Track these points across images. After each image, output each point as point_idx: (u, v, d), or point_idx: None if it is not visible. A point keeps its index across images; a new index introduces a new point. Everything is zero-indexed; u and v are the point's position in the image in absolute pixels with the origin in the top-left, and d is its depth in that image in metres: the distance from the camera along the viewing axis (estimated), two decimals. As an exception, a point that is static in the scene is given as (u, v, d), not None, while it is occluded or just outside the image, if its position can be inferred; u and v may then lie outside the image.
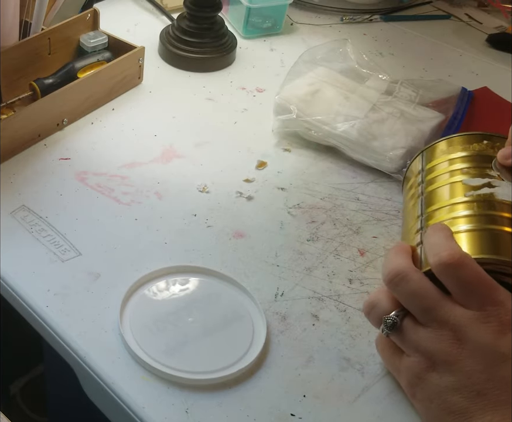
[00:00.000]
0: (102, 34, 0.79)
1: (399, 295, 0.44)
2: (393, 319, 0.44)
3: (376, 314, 0.46)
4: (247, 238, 0.61)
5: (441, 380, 0.41)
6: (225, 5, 0.95)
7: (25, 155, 0.68)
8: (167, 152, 0.70)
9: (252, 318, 0.52)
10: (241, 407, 0.47)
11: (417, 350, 0.43)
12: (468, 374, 0.40)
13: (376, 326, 0.47)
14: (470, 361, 0.40)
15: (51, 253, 0.57)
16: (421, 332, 0.43)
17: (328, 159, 0.71)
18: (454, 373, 0.41)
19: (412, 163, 0.58)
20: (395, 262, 0.44)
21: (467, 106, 0.76)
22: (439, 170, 0.52)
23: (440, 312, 0.42)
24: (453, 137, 0.54)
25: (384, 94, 0.75)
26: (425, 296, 0.42)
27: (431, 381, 0.42)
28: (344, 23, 1.01)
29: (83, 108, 0.73)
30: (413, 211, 0.52)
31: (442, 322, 0.42)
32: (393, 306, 0.45)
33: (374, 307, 0.46)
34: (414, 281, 0.43)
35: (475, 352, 0.40)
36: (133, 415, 0.46)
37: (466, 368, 0.41)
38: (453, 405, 0.41)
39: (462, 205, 0.47)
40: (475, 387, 0.40)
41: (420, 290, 0.43)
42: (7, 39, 0.71)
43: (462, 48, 0.96)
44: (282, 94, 0.74)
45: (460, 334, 0.41)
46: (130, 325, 0.51)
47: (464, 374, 0.41)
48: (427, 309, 0.42)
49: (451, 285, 0.42)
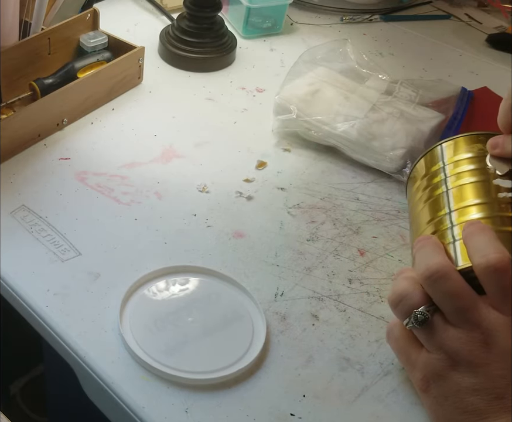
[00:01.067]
0: (102, 34, 0.79)
1: (435, 292, 0.43)
2: (425, 314, 0.43)
3: (406, 306, 0.44)
4: (247, 238, 0.61)
5: (463, 379, 0.42)
6: (225, 5, 0.95)
7: (25, 155, 0.68)
8: (167, 152, 0.70)
9: (251, 318, 0.52)
10: (241, 407, 0.47)
11: (443, 348, 0.43)
12: (492, 378, 0.41)
13: (401, 318, 0.45)
14: (496, 366, 0.41)
15: (51, 253, 0.57)
16: (451, 331, 0.42)
17: (328, 159, 0.71)
18: (477, 374, 0.41)
19: (421, 160, 0.55)
20: (435, 259, 0.43)
21: (467, 106, 0.76)
22: (466, 166, 0.50)
23: (475, 314, 0.42)
24: (475, 135, 0.52)
25: (384, 94, 0.75)
26: (462, 297, 0.42)
27: (451, 380, 0.42)
28: (344, 23, 1.01)
29: (83, 108, 0.73)
30: (434, 208, 0.50)
31: (474, 324, 0.42)
32: (424, 300, 0.44)
33: (403, 299, 0.45)
34: (453, 281, 0.42)
35: (502, 357, 0.41)
36: (133, 415, 0.46)
37: (491, 371, 0.41)
38: (470, 406, 0.41)
39: (492, 205, 0.46)
40: (496, 391, 0.41)
41: (458, 290, 0.42)
42: (7, 39, 0.71)
43: (462, 48, 0.96)
44: (282, 94, 0.74)
45: (490, 339, 0.41)
46: (130, 325, 0.51)
47: (488, 377, 0.41)
48: (462, 310, 0.42)
49: (492, 288, 0.41)
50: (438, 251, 0.45)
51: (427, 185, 0.52)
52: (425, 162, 0.54)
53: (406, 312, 0.45)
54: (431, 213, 0.50)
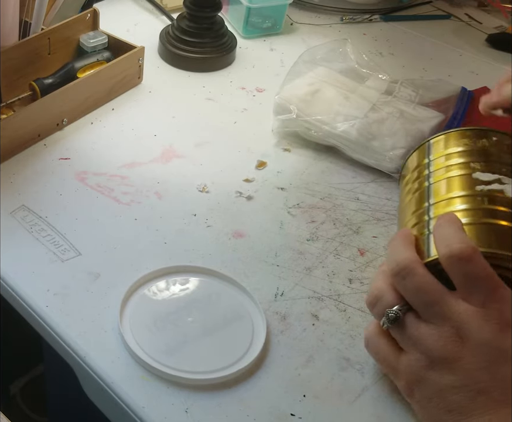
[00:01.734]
0: (102, 34, 0.79)
1: (404, 289, 0.43)
2: (396, 313, 0.43)
3: (381, 307, 0.45)
4: (247, 238, 0.61)
5: (442, 378, 0.41)
6: (225, 5, 0.95)
7: (25, 155, 0.68)
8: (167, 152, 0.70)
9: (251, 318, 0.52)
10: (241, 407, 0.47)
11: (417, 346, 0.42)
12: (469, 373, 0.40)
13: (378, 318, 0.46)
14: (471, 359, 0.40)
15: (51, 253, 0.57)
16: (422, 327, 0.42)
17: (328, 159, 0.71)
18: (454, 371, 0.41)
19: (412, 154, 0.56)
20: (402, 254, 0.44)
21: (467, 106, 0.76)
22: (447, 162, 0.51)
23: (444, 308, 0.41)
24: (462, 130, 0.53)
25: (384, 94, 0.75)
26: (429, 291, 0.42)
27: (431, 380, 0.42)
28: (344, 23, 1.01)
29: (83, 108, 0.73)
30: (418, 200, 0.51)
31: (444, 317, 0.41)
32: (397, 299, 0.44)
33: (379, 300, 0.45)
34: (419, 276, 0.42)
35: (477, 350, 0.40)
36: (133, 415, 0.46)
37: (466, 366, 0.40)
38: (452, 404, 0.41)
39: (470, 198, 0.46)
40: (476, 386, 0.40)
41: (424, 285, 0.42)
42: (7, 39, 0.71)
43: (462, 48, 0.96)
44: (281, 94, 0.74)
45: (462, 332, 0.40)
46: (130, 325, 0.51)
47: (465, 372, 0.40)
48: (431, 304, 0.42)
49: (458, 278, 0.41)
50: (406, 246, 0.44)
51: (414, 179, 0.54)
52: (415, 157, 0.56)
53: (381, 313, 0.45)
54: (414, 206, 0.51)
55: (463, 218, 0.45)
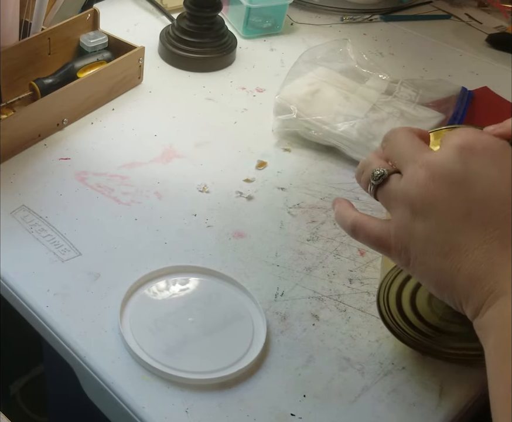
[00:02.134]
0: (102, 34, 0.79)
1: (387, 149, 0.46)
2: (382, 170, 0.44)
3: (369, 170, 0.46)
4: (247, 238, 0.61)
5: (426, 223, 0.41)
6: (225, 5, 0.95)
7: (25, 155, 0.68)
8: (167, 152, 0.70)
9: (252, 318, 0.52)
10: (241, 407, 0.47)
11: (400, 200, 0.42)
12: (447, 205, 0.40)
13: (365, 185, 0.46)
14: (445, 192, 0.40)
15: (51, 253, 0.57)
16: (403, 181, 0.43)
17: (328, 159, 0.71)
18: (435, 211, 0.40)
19: None
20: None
21: (467, 106, 0.76)
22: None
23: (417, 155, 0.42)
24: (438, 130, 0.53)
25: (384, 94, 0.75)
26: (406, 144, 0.44)
27: (419, 230, 0.41)
28: (344, 23, 1.01)
29: (83, 108, 0.73)
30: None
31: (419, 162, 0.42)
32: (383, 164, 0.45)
33: (366, 167, 0.46)
34: (401, 132, 0.45)
35: (447, 179, 0.40)
36: (133, 415, 0.46)
37: (442, 200, 0.40)
38: (445, 245, 0.40)
39: None
40: (458, 214, 0.40)
41: (403, 138, 0.44)
42: (7, 39, 0.71)
43: (462, 48, 0.96)
44: (282, 94, 0.74)
45: (433, 169, 0.41)
46: (130, 325, 0.51)
47: (443, 207, 0.40)
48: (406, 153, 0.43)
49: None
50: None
51: None
52: None
53: (368, 177, 0.46)
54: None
55: None
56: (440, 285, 0.41)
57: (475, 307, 0.38)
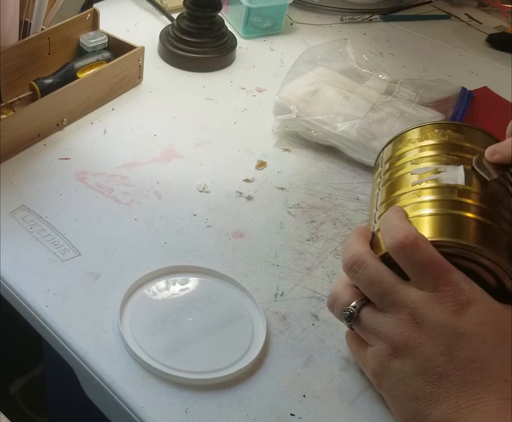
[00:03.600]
0: (102, 34, 0.79)
1: (358, 282, 0.44)
2: (350, 310, 0.44)
3: (338, 307, 0.46)
4: (247, 238, 0.61)
5: (404, 365, 0.41)
6: (225, 5, 0.95)
7: (25, 155, 0.68)
8: (167, 152, 0.70)
9: (251, 318, 0.52)
10: (241, 407, 0.47)
11: (378, 336, 0.43)
12: (428, 357, 0.40)
13: (340, 319, 0.46)
14: (429, 344, 0.40)
15: (51, 253, 0.57)
16: (380, 318, 0.43)
17: (328, 159, 0.71)
18: (415, 357, 0.41)
19: (381, 153, 0.57)
20: (353, 249, 0.44)
21: (467, 106, 0.76)
22: (394, 162, 0.53)
23: (397, 296, 0.42)
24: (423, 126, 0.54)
25: (384, 94, 0.75)
26: (381, 281, 0.42)
27: (394, 368, 0.42)
28: (344, 23, 1.01)
29: (83, 108, 0.73)
30: (375, 199, 0.52)
31: (399, 305, 0.42)
32: (352, 297, 0.45)
33: (335, 301, 0.46)
34: (371, 267, 0.43)
35: (433, 333, 0.40)
36: (133, 415, 0.46)
37: (425, 350, 0.40)
38: (417, 391, 0.41)
39: (413, 193, 0.47)
40: (437, 370, 0.40)
41: (376, 275, 0.43)
42: (7, 39, 0.71)
43: (462, 48, 0.96)
44: (281, 93, 0.74)
45: (418, 317, 0.41)
46: (130, 325, 0.51)
47: (424, 357, 0.40)
48: (384, 293, 0.42)
49: (407, 266, 0.42)
50: (359, 240, 0.45)
51: (377, 177, 0.55)
52: (384, 153, 0.56)
53: (340, 312, 0.46)
54: (370, 203, 0.52)
55: (420, 210, 0.46)
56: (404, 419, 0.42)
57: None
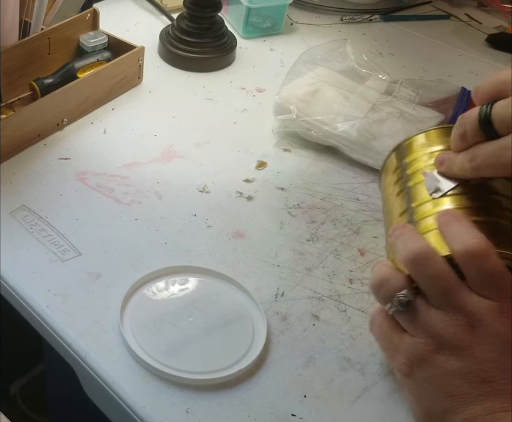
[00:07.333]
0: (102, 34, 0.79)
1: (419, 275, 0.43)
2: (409, 297, 0.43)
3: (388, 291, 0.44)
4: (247, 238, 0.61)
5: (448, 363, 0.41)
6: (225, 5, 0.95)
7: (25, 155, 0.68)
8: (167, 152, 0.70)
9: (252, 318, 0.52)
10: (242, 407, 0.47)
11: (427, 331, 0.42)
12: (478, 361, 0.41)
13: (384, 302, 0.45)
14: (481, 349, 0.41)
15: (51, 253, 0.57)
16: (434, 314, 0.42)
17: (328, 159, 0.71)
18: (463, 358, 0.41)
19: (391, 155, 0.55)
20: (417, 243, 0.44)
21: (467, 106, 0.76)
22: (418, 165, 0.51)
23: (458, 297, 0.42)
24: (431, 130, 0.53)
25: (384, 94, 0.75)
26: (445, 280, 0.42)
27: (436, 363, 0.42)
28: (344, 23, 1.01)
29: (83, 108, 0.73)
30: (402, 198, 0.51)
31: (458, 307, 0.42)
32: (405, 284, 0.44)
33: (385, 283, 0.44)
34: (438, 263, 0.43)
35: (488, 340, 0.41)
36: (134, 415, 0.46)
37: (476, 354, 0.41)
38: (455, 389, 0.41)
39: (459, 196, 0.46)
40: (483, 374, 0.40)
41: (442, 273, 0.42)
42: (7, 39, 0.71)
43: (462, 48, 0.96)
44: (281, 94, 0.74)
45: (475, 322, 0.41)
46: (131, 325, 0.51)
47: (473, 360, 0.41)
48: (446, 292, 0.42)
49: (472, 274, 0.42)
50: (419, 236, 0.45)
51: (396, 181, 0.53)
52: (395, 156, 0.54)
53: (388, 296, 0.44)
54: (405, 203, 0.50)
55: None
56: (429, 413, 0.42)
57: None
